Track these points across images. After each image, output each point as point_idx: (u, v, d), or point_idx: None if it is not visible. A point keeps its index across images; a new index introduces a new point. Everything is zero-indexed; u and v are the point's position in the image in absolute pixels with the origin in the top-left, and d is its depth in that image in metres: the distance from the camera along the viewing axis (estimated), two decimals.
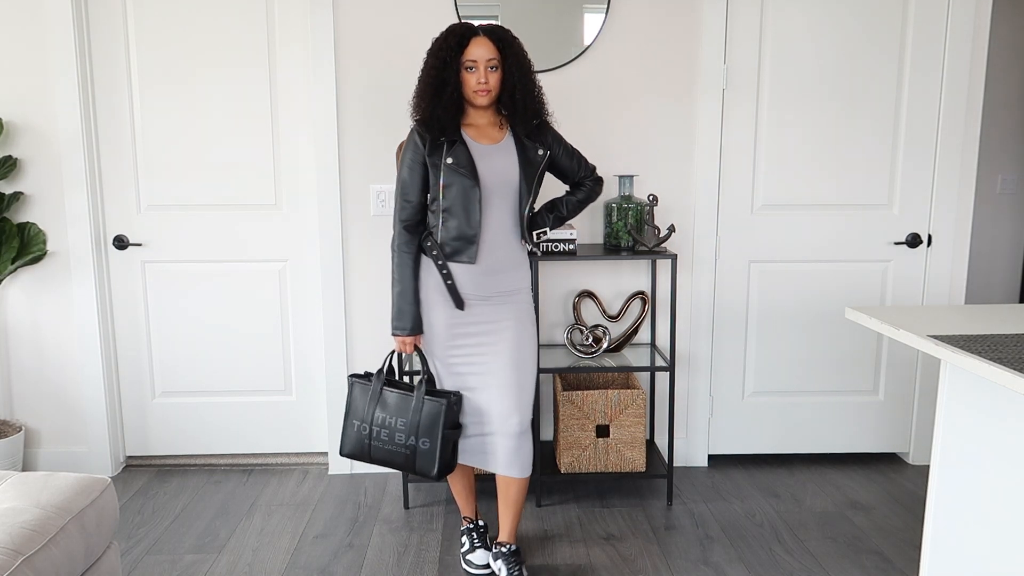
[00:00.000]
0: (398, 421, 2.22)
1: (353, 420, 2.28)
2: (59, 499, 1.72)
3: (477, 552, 2.42)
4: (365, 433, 2.26)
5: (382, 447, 2.24)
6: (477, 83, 2.14)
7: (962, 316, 1.87)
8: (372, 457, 2.27)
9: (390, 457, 2.24)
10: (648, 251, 2.74)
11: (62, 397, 3.10)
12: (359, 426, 2.27)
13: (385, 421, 2.24)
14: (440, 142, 2.18)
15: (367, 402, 2.27)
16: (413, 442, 2.20)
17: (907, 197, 3.04)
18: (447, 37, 2.17)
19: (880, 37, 2.93)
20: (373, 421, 2.25)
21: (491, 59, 2.14)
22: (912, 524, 2.69)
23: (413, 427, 2.21)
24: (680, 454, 3.18)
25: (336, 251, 2.99)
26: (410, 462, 2.22)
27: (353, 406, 2.29)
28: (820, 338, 3.12)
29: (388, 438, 2.23)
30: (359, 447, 2.27)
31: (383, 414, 2.24)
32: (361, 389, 2.30)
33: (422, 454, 2.20)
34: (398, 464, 2.25)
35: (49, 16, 2.84)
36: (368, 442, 2.26)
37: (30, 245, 2.93)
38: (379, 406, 2.25)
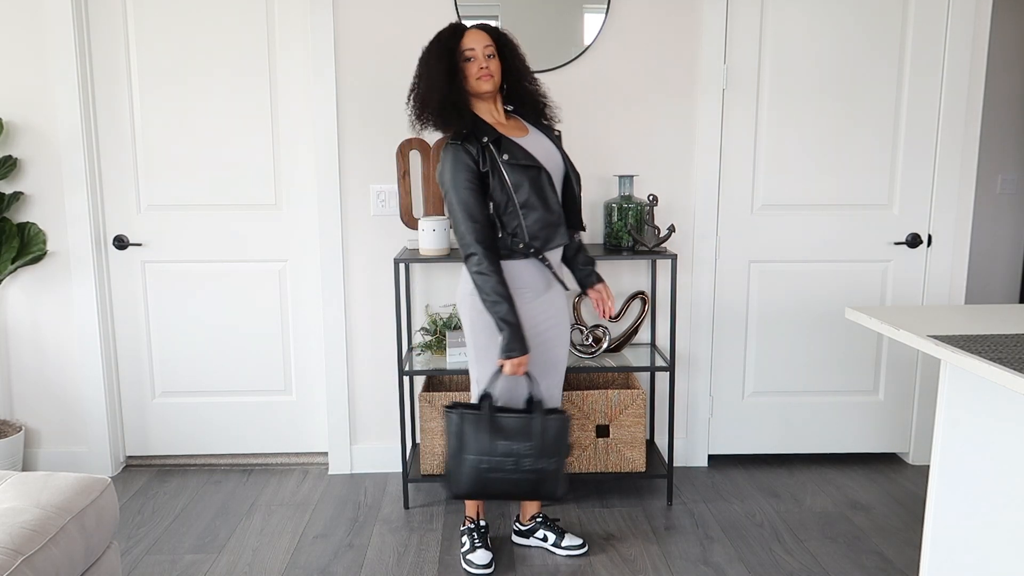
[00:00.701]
0: (524, 446, 2.15)
1: (467, 456, 2.16)
2: (59, 499, 1.72)
3: (478, 552, 2.42)
4: (485, 468, 2.15)
5: (507, 477, 2.15)
6: (479, 69, 2.17)
7: (962, 316, 1.87)
8: (492, 491, 2.18)
9: (513, 487, 2.17)
10: (648, 251, 2.74)
11: (62, 397, 3.10)
12: (477, 461, 2.15)
13: (509, 449, 2.15)
14: (484, 143, 2.17)
15: (481, 434, 2.15)
16: (541, 465, 2.15)
17: (907, 197, 3.04)
18: (439, 36, 2.22)
19: (880, 37, 2.93)
20: (494, 452, 2.15)
21: (487, 45, 2.18)
22: (912, 524, 2.69)
23: (538, 449, 2.15)
24: (680, 454, 3.18)
25: (336, 251, 2.99)
26: (536, 487, 2.17)
27: (465, 441, 2.16)
28: (820, 338, 3.12)
29: (514, 467, 2.15)
30: (478, 483, 2.16)
31: (506, 443, 2.15)
32: (472, 422, 2.17)
33: (548, 476, 2.17)
34: (521, 492, 2.18)
35: (49, 16, 2.84)
36: (490, 476, 2.15)
37: (30, 245, 2.93)
38: (498, 435, 2.16)
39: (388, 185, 2.97)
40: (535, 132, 2.30)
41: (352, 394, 3.11)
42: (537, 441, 2.16)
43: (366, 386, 3.11)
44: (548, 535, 2.50)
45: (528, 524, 2.53)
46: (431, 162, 2.90)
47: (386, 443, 3.14)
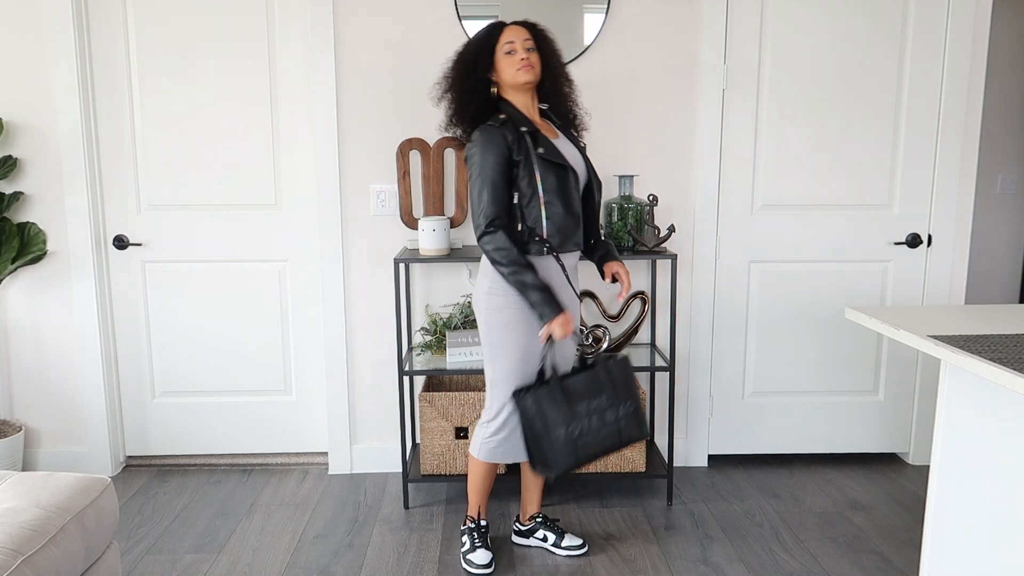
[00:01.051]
0: (601, 400, 2.16)
1: (557, 431, 2.12)
2: (59, 499, 1.72)
3: (478, 552, 2.41)
4: (576, 435, 2.13)
5: (596, 436, 2.14)
6: (519, 60, 2.17)
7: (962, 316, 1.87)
8: (588, 456, 2.14)
9: (601, 443, 2.15)
10: (648, 251, 2.74)
11: (62, 397, 3.10)
12: (567, 432, 2.12)
13: (590, 408, 2.15)
14: (521, 132, 2.17)
15: (560, 404, 2.13)
16: (621, 411, 2.16)
17: (907, 197, 3.04)
18: (478, 32, 2.24)
19: (880, 37, 2.93)
20: (579, 416, 2.14)
21: (527, 39, 2.20)
22: (912, 524, 2.69)
23: (614, 397, 2.17)
24: (680, 454, 3.18)
25: (336, 251, 2.99)
26: (624, 436, 2.17)
27: (550, 419, 2.13)
28: (820, 338, 3.12)
29: (600, 423, 2.15)
30: (573, 457, 2.13)
31: (584, 403, 2.15)
32: (548, 397, 2.14)
33: (629, 420, 2.17)
34: (612, 446, 2.16)
35: (49, 16, 2.84)
36: (583, 441, 2.13)
37: (30, 245, 2.93)
38: (575, 399, 2.15)
39: (388, 185, 2.97)
40: (563, 138, 2.31)
41: (352, 394, 3.11)
42: (610, 390, 2.17)
43: (366, 386, 3.11)
44: (548, 535, 2.50)
45: (528, 524, 2.53)
46: (431, 162, 2.90)
47: (386, 443, 3.14)
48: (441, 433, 2.82)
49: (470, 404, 2.81)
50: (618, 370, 2.20)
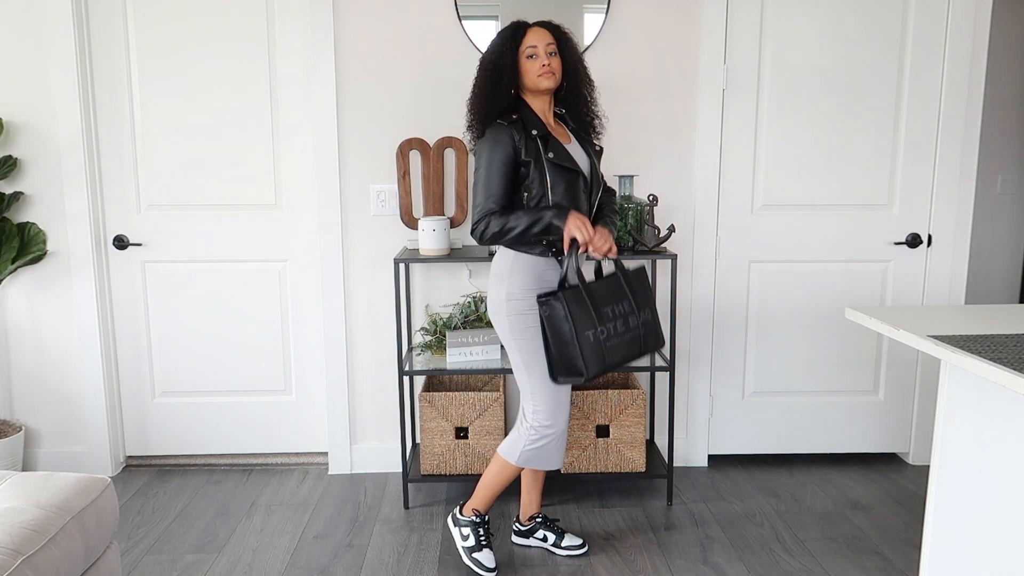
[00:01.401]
0: (625, 305, 2.16)
1: (586, 332, 2.08)
2: (59, 499, 1.72)
3: (485, 552, 2.38)
4: (604, 337, 2.11)
5: (621, 340, 2.14)
6: (541, 66, 2.17)
7: (962, 316, 1.87)
8: (614, 361, 2.13)
9: (626, 348, 2.15)
10: (648, 251, 2.74)
11: (62, 397, 3.10)
12: (594, 334, 2.10)
13: (614, 311, 2.14)
14: (532, 135, 2.18)
15: (587, 307, 2.10)
16: (642, 318, 2.18)
17: (907, 197, 3.04)
18: (502, 32, 2.23)
19: (880, 37, 2.93)
20: (605, 319, 2.12)
21: (550, 43, 2.19)
22: (912, 524, 2.69)
23: (635, 302, 2.18)
24: (680, 454, 3.18)
25: (336, 251, 2.99)
26: (645, 343, 2.18)
27: (578, 320, 2.08)
28: (820, 338, 3.12)
29: (624, 327, 2.15)
30: (602, 359, 2.10)
31: (608, 307, 2.14)
32: (576, 299, 2.10)
33: (649, 327, 2.19)
34: (632, 353, 2.17)
35: (49, 16, 2.84)
36: (610, 344, 2.11)
37: (30, 245, 2.93)
38: (601, 303, 2.13)
39: (388, 185, 2.97)
40: (575, 142, 2.30)
41: (352, 394, 3.11)
42: (631, 297, 2.19)
43: (366, 386, 3.11)
44: (548, 535, 2.50)
45: (528, 524, 2.53)
46: (431, 162, 2.90)
47: (386, 443, 3.14)
48: (441, 433, 2.82)
49: (470, 404, 2.81)
50: (636, 279, 2.21)
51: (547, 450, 2.28)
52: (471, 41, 2.88)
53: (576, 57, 2.26)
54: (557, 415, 2.26)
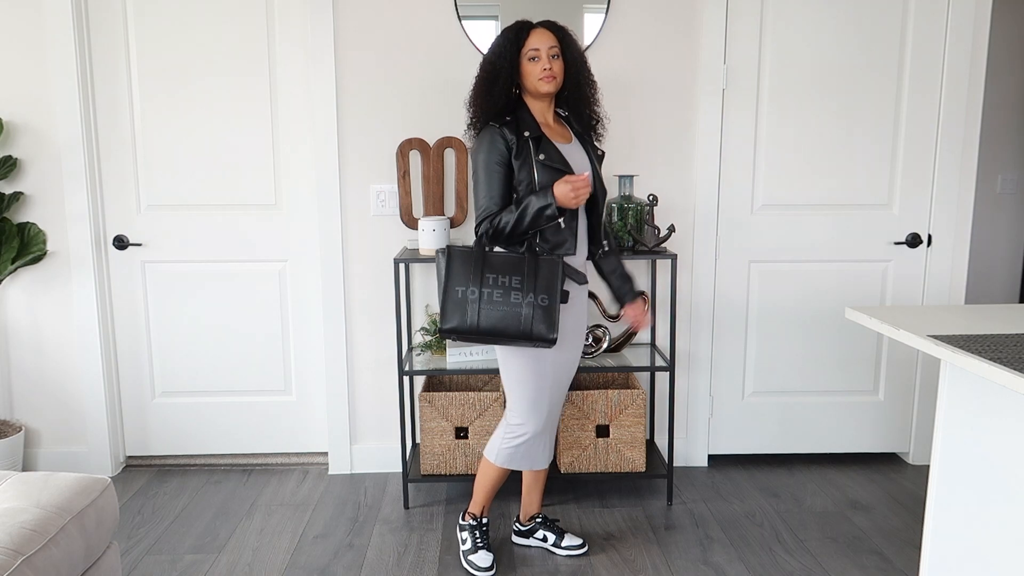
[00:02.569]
0: (512, 279, 2.11)
1: (455, 288, 2.10)
2: (59, 499, 1.72)
3: (480, 553, 2.39)
4: (473, 298, 2.09)
5: (495, 309, 2.09)
6: (542, 70, 2.15)
7: (962, 316, 1.87)
8: (480, 326, 2.09)
9: (503, 321, 2.08)
10: (648, 251, 2.74)
11: (62, 397, 3.10)
12: (463, 292, 2.10)
13: (498, 280, 2.10)
14: (525, 138, 2.17)
15: (469, 266, 2.11)
16: (532, 299, 2.09)
17: (907, 197, 3.04)
18: (505, 32, 2.21)
19: (880, 37, 2.93)
20: (483, 283, 2.10)
21: (552, 46, 2.17)
22: (912, 524, 2.69)
23: (531, 283, 2.10)
24: (680, 454, 3.18)
25: (336, 251, 2.99)
26: (527, 326, 2.08)
27: (452, 273, 2.11)
28: (820, 338, 3.12)
29: (502, 298, 2.09)
30: (461, 317, 2.09)
31: (493, 274, 2.11)
32: (460, 255, 2.13)
33: (541, 313, 2.08)
34: (511, 330, 2.09)
35: (49, 16, 2.84)
36: (477, 307, 2.08)
37: (30, 245, 2.93)
38: (486, 267, 2.11)
39: (388, 185, 2.97)
40: (576, 143, 2.29)
41: (352, 394, 3.11)
42: (526, 277, 2.11)
43: (366, 386, 3.11)
44: (548, 535, 2.50)
45: (528, 524, 2.53)
46: (431, 162, 2.90)
47: (386, 443, 3.14)
48: (441, 433, 2.82)
49: (470, 404, 2.81)
50: (545, 266, 2.13)
51: (524, 450, 2.29)
52: (471, 41, 2.88)
53: (579, 59, 2.24)
54: (530, 416, 2.25)
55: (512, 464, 2.32)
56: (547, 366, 2.23)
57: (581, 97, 2.27)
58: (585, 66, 2.27)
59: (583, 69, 2.26)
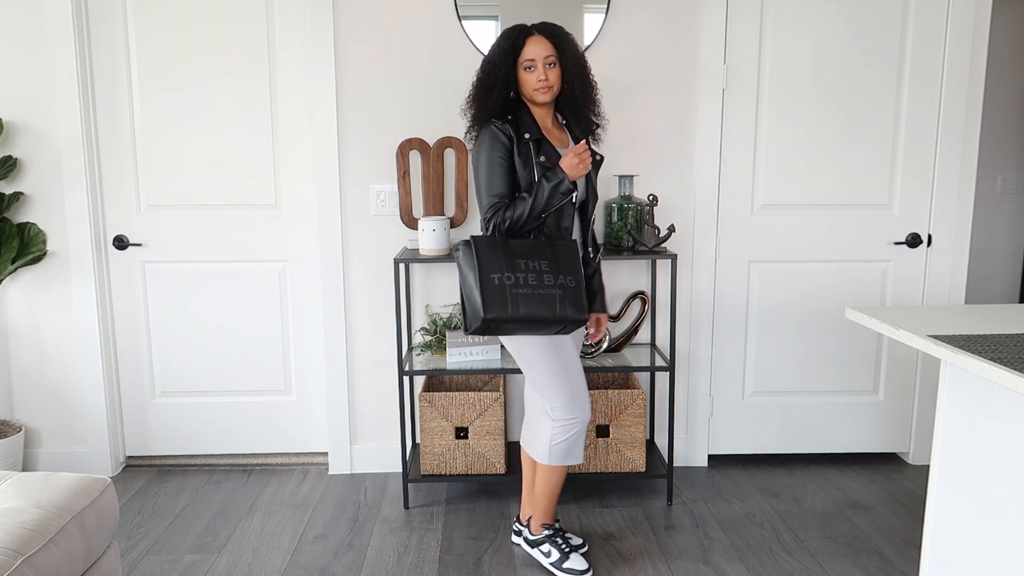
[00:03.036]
0: (540, 263, 2.09)
1: (492, 276, 2.06)
2: (59, 499, 1.72)
3: (573, 557, 2.34)
4: (511, 283, 2.05)
5: (531, 293, 2.05)
6: (537, 80, 2.14)
7: (962, 316, 1.87)
8: (519, 314, 2.04)
9: (539, 306, 2.05)
10: (648, 251, 2.74)
11: (62, 397, 3.10)
12: (499, 279, 2.05)
13: (529, 265, 2.08)
14: (525, 139, 2.17)
15: (499, 255, 2.08)
16: (562, 280, 2.08)
17: (907, 197, 3.04)
18: (501, 40, 2.18)
19: (880, 37, 2.93)
20: (516, 268, 2.07)
21: (548, 56, 2.15)
22: (912, 524, 2.69)
23: (556, 265, 2.09)
24: (680, 454, 3.18)
25: (336, 251, 2.99)
26: (562, 306, 2.05)
27: (484, 262, 2.07)
28: (820, 338, 3.12)
29: (537, 282, 2.06)
30: (503, 305, 2.04)
31: (522, 260, 2.09)
32: (487, 243, 2.10)
33: (568, 294, 2.07)
34: (546, 315, 2.06)
35: (49, 16, 2.84)
36: (516, 293, 2.05)
37: (30, 245, 2.93)
38: (515, 255, 2.09)
39: (388, 185, 2.97)
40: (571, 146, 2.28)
41: (352, 394, 3.11)
42: (551, 259, 2.11)
43: (366, 386, 3.11)
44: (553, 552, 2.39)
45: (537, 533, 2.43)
46: (431, 162, 2.90)
47: (386, 443, 3.14)
48: (441, 433, 2.82)
49: (470, 404, 2.81)
50: (564, 249, 2.14)
51: (576, 440, 2.27)
52: (471, 41, 2.88)
53: (577, 64, 2.21)
54: (575, 404, 2.23)
55: (569, 459, 2.28)
56: (567, 352, 2.23)
57: (580, 101, 2.25)
58: (584, 69, 2.24)
59: (582, 73, 2.23)
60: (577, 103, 2.25)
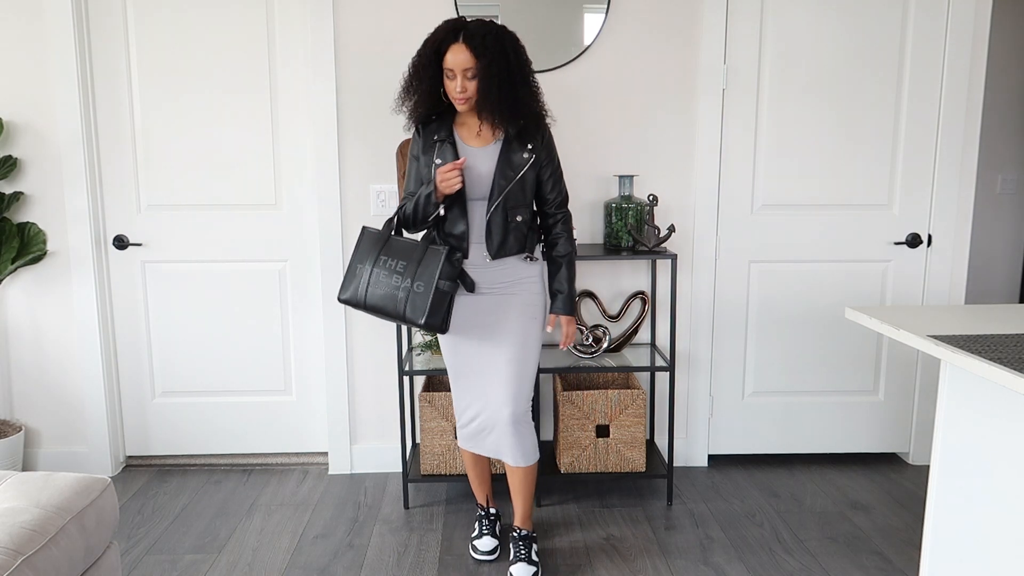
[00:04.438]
0: (399, 263, 2.19)
1: (356, 264, 2.24)
2: (59, 499, 1.72)
3: (484, 538, 2.49)
4: (363, 276, 2.21)
5: (376, 289, 2.19)
6: (455, 91, 2.13)
7: (962, 316, 1.87)
8: (366, 303, 2.20)
9: (381, 302, 2.18)
10: (648, 251, 2.74)
11: (62, 397, 3.10)
12: (359, 268, 2.23)
13: (387, 262, 2.20)
14: (433, 140, 2.23)
15: (372, 247, 2.24)
16: (408, 283, 2.17)
17: (907, 197, 3.04)
18: (428, 40, 2.15)
19: (880, 37, 2.93)
20: (375, 263, 2.21)
21: (468, 68, 2.09)
22: (912, 524, 2.69)
23: (412, 269, 2.17)
24: (680, 454, 3.18)
25: (336, 251, 2.99)
26: (400, 308, 2.16)
27: (358, 250, 2.26)
28: (820, 338, 3.12)
29: (384, 280, 2.19)
30: (353, 291, 2.22)
31: (386, 256, 2.21)
32: (371, 236, 2.26)
33: (414, 297, 2.16)
34: (389, 309, 2.19)
35: (49, 16, 2.84)
36: (365, 284, 2.21)
37: (30, 245, 2.93)
38: (385, 248, 2.22)
39: (388, 185, 2.97)
40: (495, 146, 2.21)
41: (352, 394, 3.11)
42: (412, 263, 2.18)
43: (366, 386, 3.11)
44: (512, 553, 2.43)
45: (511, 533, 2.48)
46: None
47: (386, 443, 3.14)
48: (441, 433, 2.82)
49: None
50: (429, 256, 2.18)
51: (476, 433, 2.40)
52: None
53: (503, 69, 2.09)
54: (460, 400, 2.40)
55: (469, 445, 2.43)
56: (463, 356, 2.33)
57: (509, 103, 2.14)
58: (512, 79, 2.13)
59: (510, 78, 2.12)
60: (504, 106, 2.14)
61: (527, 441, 2.31)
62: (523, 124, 2.21)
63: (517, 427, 2.28)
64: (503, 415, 2.26)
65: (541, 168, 2.26)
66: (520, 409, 2.28)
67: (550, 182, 2.29)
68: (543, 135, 2.26)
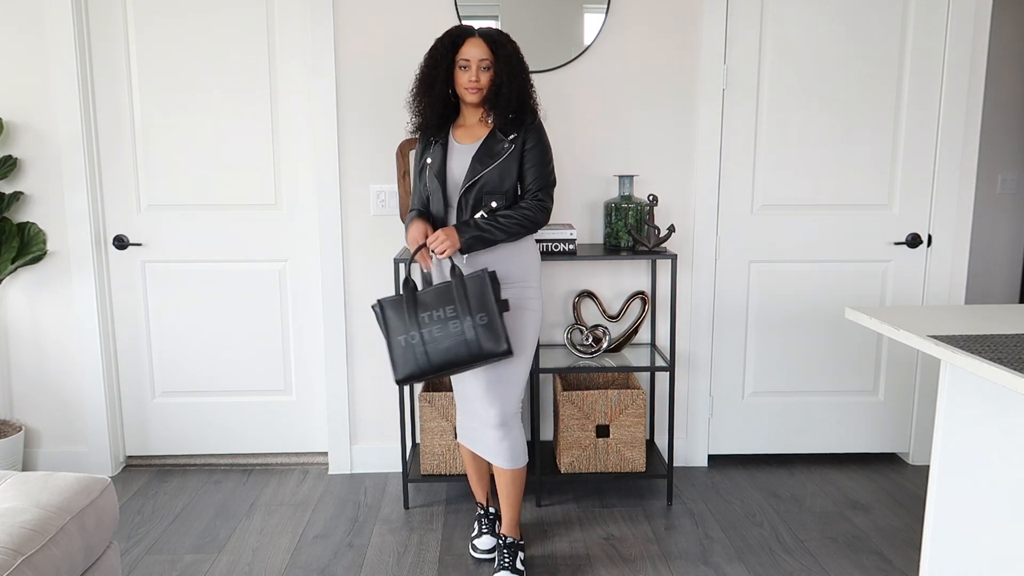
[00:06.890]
0: (445, 310, 2.10)
1: (397, 338, 2.12)
2: (59, 499, 1.72)
3: (483, 537, 2.50)
4: (416, 342, 2.10)
5: (439, 345, 2.08)
6: (468, 81, 2.21)
7: (962, 316, 1.87)
8: (432, 364, 2.09)
9: (452, 353, 2.08)
10: (648, 251, 2.74)
11: (62, 397, 3.10)
12: (406, 339, 2.11)
13: (432, 316, 2.10)
14: (429, 141, 2.31)
15: (404, 312, 2.12)
16: (471, 322, 2.08)
17: (907, 197, 3.04)
18: (443, 38, 2.25)
19: (880, 37, 2.93)
20: (420, 324, 2.10)
21: (484, 59, 2.21)
22: (912, 524, 2.69)
23: (464, 307, 2.09)
24: (680, 454, 3.18)
25: (336, 251, 2.99)
26: (476, 347, 2.07)
27: (391, 326, 2.13)
28: (820, 338, 3.12)
29: (441, 333, 2.08)
30: (413, 362, 2.10)
31: (426, 312, 2.11)
32: (393, 305, 2.15)
33: (484, 331, 2.07)
34: (463, 358, 2.08)
35: (49, 16, 2.84)
36: (423, 348, 2.09)
37: (30, 245, 2.93)
38: (419, 308, 2.12)
39: (388, 185, 2.97)
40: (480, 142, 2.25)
41: (352, 394, 3.11)
42: (459, 302, 2.10)
43: (366, 386, 3.11)
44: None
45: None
46: None
47: (386, 443, 3.14)
48: (441, 433, 2.82)
49: None
50: (473, 285, 2.11)
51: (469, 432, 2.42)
52: None
53: (512, 68, 2.21)
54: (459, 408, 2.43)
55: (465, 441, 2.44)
56: None
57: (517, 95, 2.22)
58: (520, 77, 2.23)
59: (517, 78, 2.22)
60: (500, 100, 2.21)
61: (516, 443, 2.27)
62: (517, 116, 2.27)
63: (504, 428, 2.25)
64: (489, 415, 2.25)
65: (524, 152, 2.25)
66: (508, 410, 2.25)
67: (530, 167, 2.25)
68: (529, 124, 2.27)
